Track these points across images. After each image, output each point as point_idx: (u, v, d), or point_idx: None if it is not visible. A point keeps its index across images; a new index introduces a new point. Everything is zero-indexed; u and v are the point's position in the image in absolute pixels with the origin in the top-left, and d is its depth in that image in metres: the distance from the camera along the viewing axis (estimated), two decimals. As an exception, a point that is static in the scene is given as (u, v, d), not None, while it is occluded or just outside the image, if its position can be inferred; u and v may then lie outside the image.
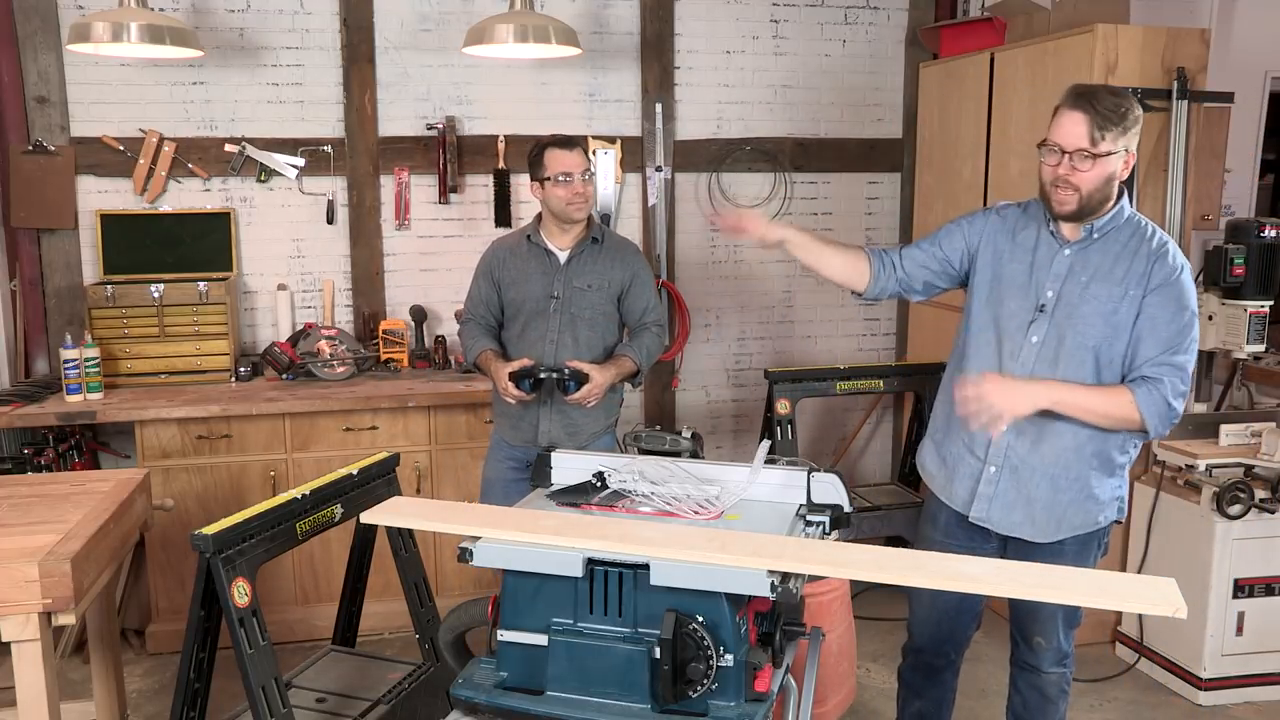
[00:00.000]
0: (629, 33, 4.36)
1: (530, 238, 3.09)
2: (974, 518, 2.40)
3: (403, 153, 4.20)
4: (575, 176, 2.96)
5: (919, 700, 2.69)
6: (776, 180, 4.59)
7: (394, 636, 3.78)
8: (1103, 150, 2.16)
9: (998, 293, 2.37)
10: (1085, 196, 2.20)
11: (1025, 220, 2.39)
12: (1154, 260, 2.23)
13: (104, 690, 2.85)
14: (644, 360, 3.12)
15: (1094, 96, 2.17)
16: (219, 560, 2.01)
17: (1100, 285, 2.25)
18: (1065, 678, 2.53)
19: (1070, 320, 2.27)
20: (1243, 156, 4.06)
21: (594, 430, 3.11)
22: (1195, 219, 3.71)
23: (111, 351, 3.76)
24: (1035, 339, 2.30)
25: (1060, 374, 2.27)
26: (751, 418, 4.69)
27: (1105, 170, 2.18)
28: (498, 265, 3.12)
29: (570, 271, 3.06)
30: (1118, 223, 2.28)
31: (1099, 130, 2.15)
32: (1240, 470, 3.32)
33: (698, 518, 2.00)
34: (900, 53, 4.66)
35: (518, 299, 3.08)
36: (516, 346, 3.09)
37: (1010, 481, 2.34)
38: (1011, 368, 2.32)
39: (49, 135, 3.90)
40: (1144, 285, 2.22)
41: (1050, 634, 2.46)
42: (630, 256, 3.17)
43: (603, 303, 3.09)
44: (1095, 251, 2.28)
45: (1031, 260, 2.34)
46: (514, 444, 3.12)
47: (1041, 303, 2.30)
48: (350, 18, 4.07)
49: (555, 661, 1.75)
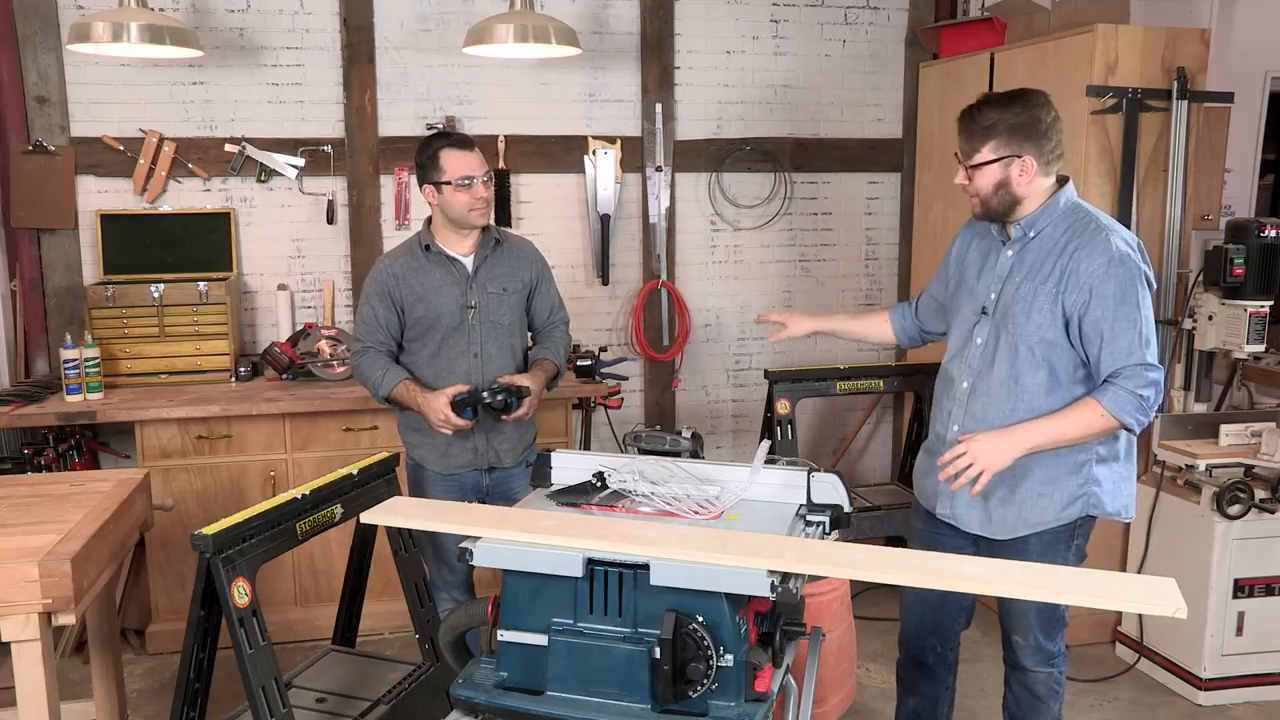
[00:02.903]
0: (629, 33, 4.36)
1: (429, 247, 2.84)
2: (940, 514, 2.46)
3: (403, 153, 4.19)
4: (477, 179, 2.75)
5: (913, 698, 2.70)
6: (776, 180, 4.59)
7: (394, 636, 3.78)
8: (977, 161, 2.26)
9: (958, 299, 2.47)
10: (984, 201, 2.30)
11: (985, 227, 2.46)
12: (1076, 256, 2.22)
13: (104, 690, 2.85)
14: (561, 361, 3.01)
15: (976, 112, 2.28)
16: (219, 560, 2.01)
17: (1030, 283, 2.29)
18: (1055, 677, 2.53)
19: (1005, 320, 2.32)
20: (1243, 156, 4.06)
21: (526, 442, 3.00)
22: (1195, 219, 3.72)
23: (111, 351, 3.76)
24: (979, 340, 2.37)
25: (998, 373, 2.32)
26: (751, 418, 4.69)
27: (990, 179, 2.26)
28: (395, 284, 2.83)
29: (481, 278, 2.87)
30: (1052, 217, 2.30)
31: (968, 144, 2.28)
32: (1240, 470, 3.32)
33: (698, 518, 2.00)
34: (900, 53, 4.66)
35: (429, 315, 2.83)
36: (432, 366, 2.86)
37: None
38: (960, 368, 2.40)
39: (49, 135, 3.90)
40: (1068, 284, 2.23)
41: (1025, 632, 2.48)
42: (532, 255, 3.02)
43: (517, 306, 2.94)
44: (1031, 249, 2.32)
45: (984, 264, 2.42)
46: (445, 472, 2.91)
47: (984, 305, 2.37)
48: (350, 18, 4.07)
49: (555, 661, 1.75)
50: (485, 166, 2.81)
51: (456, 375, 2.84)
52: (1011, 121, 2.23)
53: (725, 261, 4.63)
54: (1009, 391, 2.31)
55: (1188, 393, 3.61)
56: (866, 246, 4.78)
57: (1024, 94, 2.28)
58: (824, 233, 4.72)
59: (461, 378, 2.83)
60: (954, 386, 2.43)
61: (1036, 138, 2.25)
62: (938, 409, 2.49)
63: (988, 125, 2.24)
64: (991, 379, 2.33)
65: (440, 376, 2.85)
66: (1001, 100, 2.27)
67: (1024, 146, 2.23)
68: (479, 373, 2.86)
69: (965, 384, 2.39)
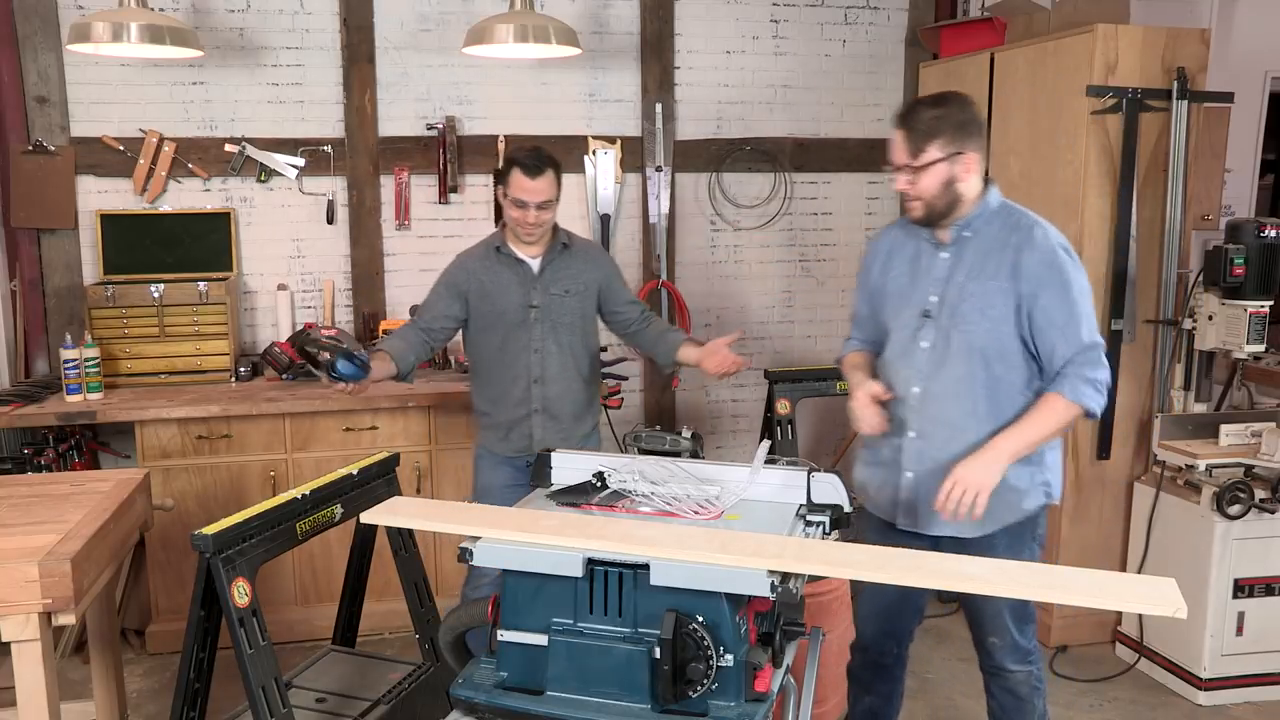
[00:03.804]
0: (629, 33, 4.36)
1: (499, 249, 3.04)
2: (902, 525, 2.43)
3: (403, 153, 4.20)
4: (529, 206, 2.90)
5: (869, 696, 2.70)
6: (776, 180, 4.59)
7: (394, 636, 3.78)
8: (924, 162, 2.26)
9: (890, 307, 2.46)
10: (929, 203, 2.30)
11: (905, 235, 2.48)
12: (1020, 251, 2.28)
13: (104, 690, 2.85)
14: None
15: (915, 111, 2.30)
16: (219, 560, 2.01)
17: (975, 282, 2.31)
18: (1034, 675, 2.53)
19: (954, 321, 2.33)
20: (1243, 156, 4.06)
21: (583, 431, 3.13)
22: (1195, 219, 3.72)
23: (111, 351, 3.76)
24: (925, 344, 2.37)
25: (948, 373, 2.33)
26: (751, 418, 4.69)
27: (937, 178, 2.27)
28: (465, 277, 3.04)
29: (545, 279, 3.03)
30: (986, 217, 2.34)
31: (914, 145, 2.27)
32: (1240, 470, 3.32)
33: (698, 518, 2.00)
34: (900, 53, 4.66)
35: (493, 311, 3.02)
36: (499, 359, 3.04)
37: (927, 486, 2.36)
38: (907, 374, 2.39)
39: (49, 135, 3.90)
40: (1016, 278, 2.27)
41: (1002, 632, 2.47)
42: (601, 259, 3.20)
43: (580, 308, 3.08)
44: (969, 250, 2.34)
45: (915, 269, 2.42)
46: (504, 454, 3.09)
47: (926, 309, 2.38)
48: (350, 18, 4.07)
49: (555, 661, 1.75)
50: (546, 195, 2.92)
51: (519, 368, 3.02)
52: (955, 119, 2.27)
53: (725, 261, 4.63)
54: (968, 390, 2.32)
55: (1188, 393, 3.61)
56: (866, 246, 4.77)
57: (953, 94, 2.34)
58: (824, 233, 4.72)
59: (522, 371, 3.02)
60: (902, 389, 2.41)
61: (976, 135, 2.31)
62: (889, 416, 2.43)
63: (932, 124, 2.26)
64: (945, 380, 2.34)
65: (506, 368, 3.03)
66: (935, 101, 2.31)
67: (966, 143, 2.28)
68: (539, 367, 3.02)
69: (916, 389, 2.38)
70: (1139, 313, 3.59)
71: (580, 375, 3.10)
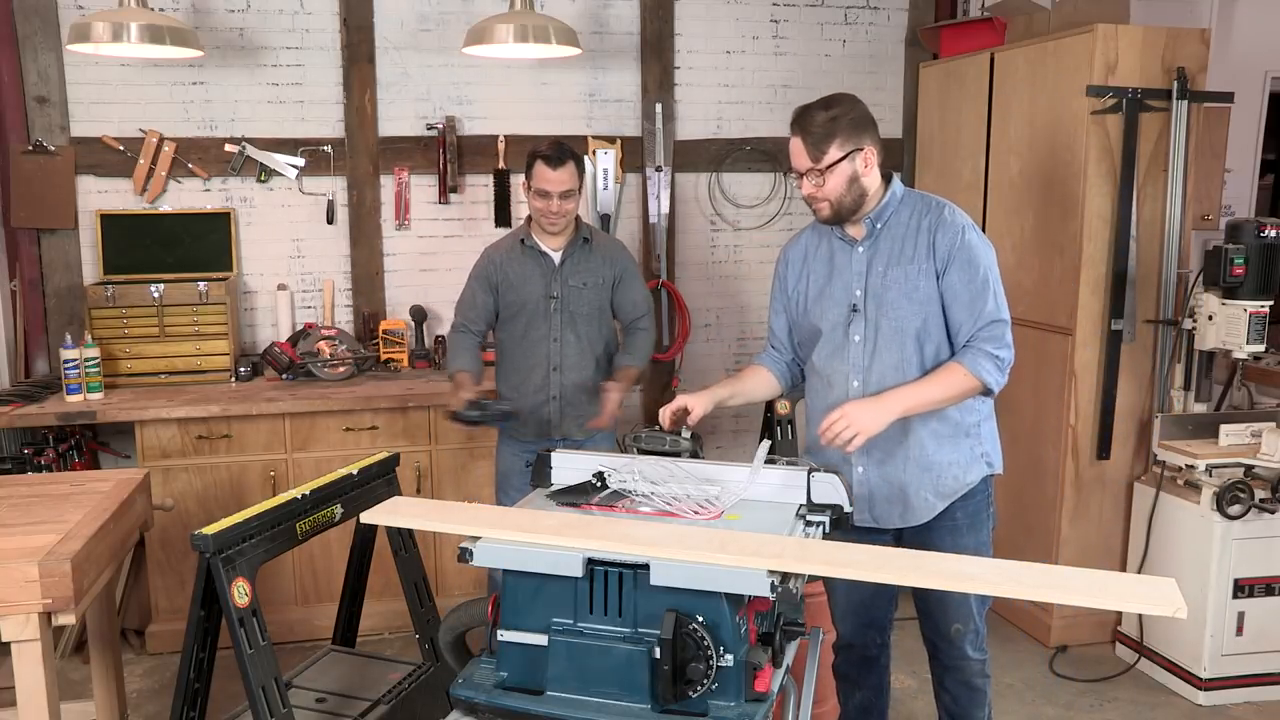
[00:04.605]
0: (629, 33, 4.36)
1: (524, 241, 3.18)
2: (858, 521, 2.42)
3: (403, 153, 4.20)
4: (553, 195, 3.05)
5: (860, 691, 2.70)
6: (776, 180, 4.59)
7: (394, 636, 3.78)
8: (826, 163, 2.30)
9: (818, 307, 2.48)
10: (836, 202, 2.34)
11: (817, 238, 2.52)
12: (934, 231, 2.34)
13: (104, 690, 2.85)
14: (642, 362, 3.31)
15: (808, 116, 2.32)
16: (219, 560, 2.01)
17: (895, 269, 2.36)
18: (986, 664, 2.56)
19: (881, 310, 2.37)
20: (1243, 156, 4.06)
21: None
22: (1195, 219, 3.72)
23: (111, 351, 3.76)
24: (857, 337, 2.41)
25: (883, 362, 2.37)
26: (751, 418, 4.69)
27: (842, 177, 2.32)
28: (494, 270, 3.20)
29: (565, 271, 3.17)
30: (894, 206, 2.40)
31: (815, 148, 2.30)
32: (1240, 470, 3.32)
33: (698, 518, 2.00)
34: (900, 53, 4.66)
35: (517, 301, 3.17)
36: (520, 346, 3.20)
37: (879, 475, 2.42)
38: (844, 370, 2.42)
39: (49, 135, 3.90)
40: (932, 257, 2.33)
41: (966, 617, 2.49)
42: (619, 254, 3.31)
43: (597, 299, 3.22)
44: (883, 240, 2.39)
45: (833, 268, 2.46)
46: (524, 439, 3.22)
47: (853, 303, 2.41)
48: (350, 18, 4.07)
49: (555, 661, 1.75)
50: (568, 185, 3.06)
51: (538, 356, 3.18)
52: (848, 116, 2.31)
53: (725, 261, 4.64)
54: (904, 374, 2.35)
55: (1188, 393, 3.61)
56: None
57: (841, 95, 2.38)
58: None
59: (542, 359, 3.18)
60: (835, 390, 2.43)
61: (871, 129, 2.35)
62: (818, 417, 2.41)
63: (829, 125, 2.30)
64: (882, 369, 2.37)
65: (526, 356, 3.20)
66: (825, 103, 2.34)
67: (863, 139, 2.32)
68: (558, 355, 3.18)
69: (855, 383, 2.41)
70: (1139, 313, 3.59)
71: (597, 364, 3.23)
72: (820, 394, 2.49)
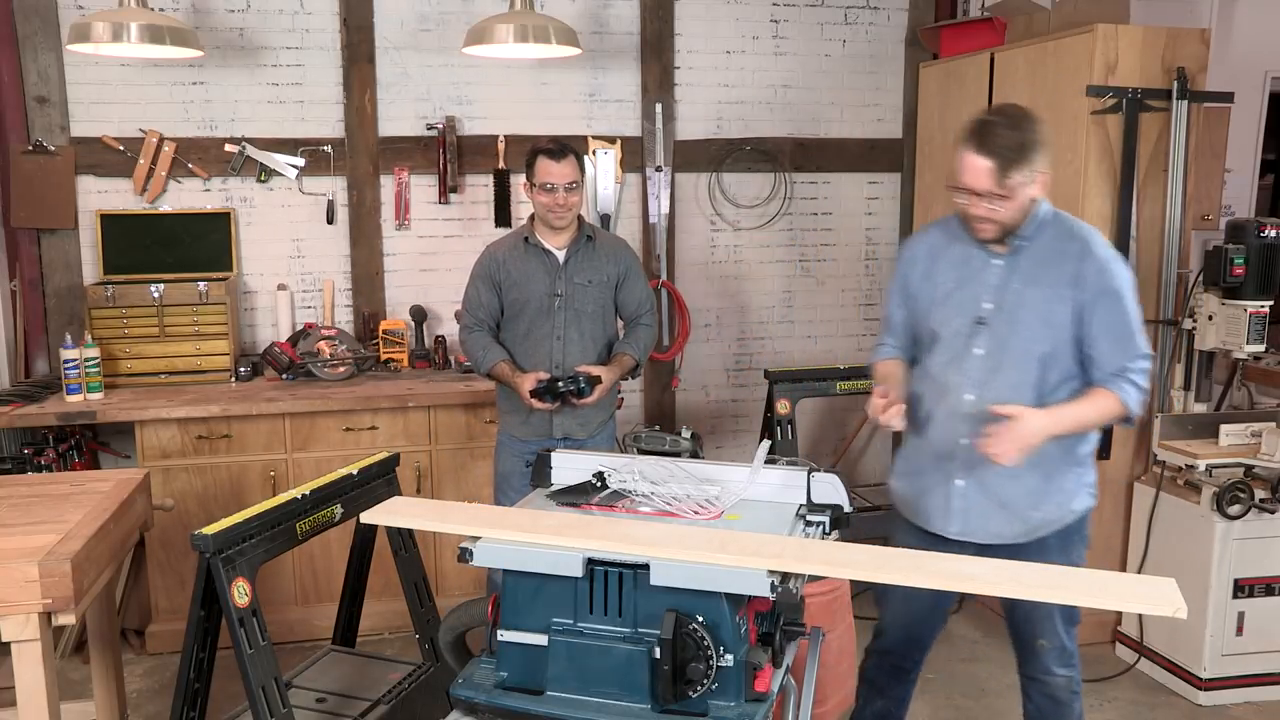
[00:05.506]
0: (629, 33, 4.36)
1: (528, 239, 3.17)
2: (954, 534, 2.41)
3: (403, 153, 4.20)
4: (558, 188, 3.04)
5: (881, 699, 2.69)
6: (776, 180, 4.59)
7: (394, 636, 3.78)
8: (1012, 185, 2.20)
9: (940, 313, 2.41)
10: (1007, 225, 2.27)
11: (946, 238, 2.44)
12: (1082, 260, 2.27)
13: (104, 690, 2.85)
14: (641, 355, 3.29)
15: (994, 135, 2.19)
16: (219, 560, 2.01)
17: (1033, 290, 2.30)
18: (1074, 680, 2.52)
19: (1012, 328, 2.31)
20: (1243, 156, 4.06)
21: (601, 419, 3.26)
22: (1195, 219, 3.71)
23: (111, 351, 3.76)
24: (980, 350, 2.34)
25: (1003, 380, 2.31)
26: (751, 418, 4.69)
27: (1020, 200, 2.23)
28: (496, 268, 3.18)
29: (569, 269, 3.17)
30: (1039, 225, 2.33)
31: (1003, 173, 2.18)
32: (1240, 470, 3.32)
33: (698, 518, 2.00)
34: (900, 53, 4.66)
35: (521, 299, 3.16)
36: (523, 345, 3.19)
37: (979, 492, 2.36)
38: (959, 381, 2.36)
39: (49, 135, 3.90)
40: (1077, 286, 2.27)
41: (1051, 633, 2.46)
42: (623, 252, 3.30)
43: (601, 297, 3.21)
44: (1024, 258, 2.32)
45: (964, 275, 2.38)
46: (525, 438, 3.20)
47: (980, 315, 2.35)
48: (350, 18, 4.07)
49: (555, 661, 1.75)
50: (571, 176, 3.06)
51: (541, 354, 3.16)
52: (1035, 140, 2.21)
53: (725, 261, 4.63)
54: (1022, 396, 2.29)
55: (1188, 393, 3.61)
56: (866, 246, 4.78)
57: (1021, 112, 2.28)
58: (824, 233, 4.72)
59: (545, 357, 3.16)
60: (950, 397, 2.38)
61: (1050, 149, 2.27)
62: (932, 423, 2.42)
63: (1019, 151, 2.18)
64: (1001, 387, 2.31)
65: (528, 354, 3.17)
66: (1012, 122, 2.22)
67: (1044, 161, 2.24)
68: (561, 354, 3.16)
69: (969, 396, 2.34)
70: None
71: (600, 362, 3.21)
72: (931, 398, 2.42)
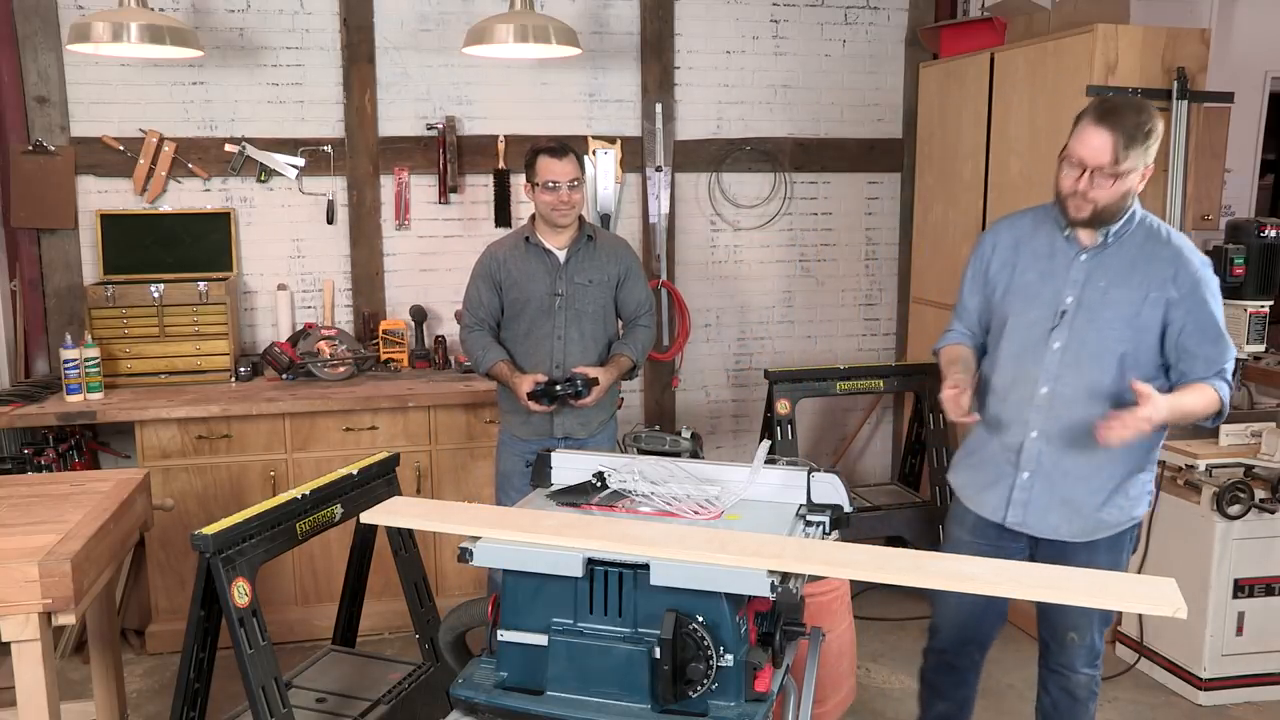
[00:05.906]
0: (629, 33, 4.36)
1: (529, 239, 3.18)
2: (1011, 523, 2.41)
3: (403, 153, 4.20)
4: (561, 185, 3.05)
5: (942, 702, 2.68)
6: (776, 180, 4.59)
7: (394, 636, 3.78)
8: (1124, 169, 2.19)
9: (1018, 301, 2.40)
10: (1101, 208, 2.24)
11: (1035, 228, 2.41)
12: (1176, 265, 2.27)
13: (104, 690, 2.85)
14: (639, 355, 3.29)
15: (1120, 113, 2.19)
16: (219, 560, 2.01)
17: (1120, 289, 2.28)
18: (1095, 680, 2.52)
19: (1093, 325, 2.29)
20: (1243, 156, 4.06)
21: (602, 419, 3.28)
22: (1195, 219, 3.71)
23: (111, 351, 3.76)
24: (1058, 344, 2.33)
25: (1084, 378, 2.30)
26: (751, 418, 4.69)
27: (1124, 186, 2.22)
28: (497, 268, 3.19)
29: (570, 269, 3.17)
30: (1131, 226, 2.32)
31: (1124, 150, 2.17)
32: (1240, 470, 3.32)
33: (698, 518, 2.00)
34: (900, 53, 4.66)
35: (521, 298, 3.17)
36: (523, 344, 3.20)
37: (1044, 486, 2.36)
38: (1034, 373, 2.34)
39: (49, 135, 3.90)
40: (1168, 289, 2.26)
41: (1084, 629, 2.46)
42: (623, 252, 3.31)
43: (602, 297, 3.22)
44: (1111, 256, 2.31)
45: (1047, 268, 2.36)
46: (526, 438, 3.21)
47: (1062, 309, 2.33)
48: (350, 18, 4.07)
49: (555, 661, 1.75)
50: (573, 174, 3.08)
51: (541, 354, 3.18)
52: (1155, 131, 2.21)
53: (725, 261, 4.64)
54: (1098, 394, 2.29)
55: (1188, 393, 3.60)
56: (866, 246, 4.78)
57: (1144, 102, 2.29)
58: (824, 233, 4.72)
59: (545, 356, 3.17)
60: (1025, 388, 2.36)
61: (1158, 148, 2.26)
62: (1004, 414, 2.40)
63: (1141, 134, 2.18)
64: (1077, 384, 2.30)
65: (529, 354, 3.19)
66: (1136, 107, 2.22)
67: (1150, 155, 2.23)
68: (561, 353, 3.17)
69: (1044, 389, 2.34)
70: (1139, 313, 3.59)
71: (600, 362, 3.21)
72: (1005, 387, 2.41)
